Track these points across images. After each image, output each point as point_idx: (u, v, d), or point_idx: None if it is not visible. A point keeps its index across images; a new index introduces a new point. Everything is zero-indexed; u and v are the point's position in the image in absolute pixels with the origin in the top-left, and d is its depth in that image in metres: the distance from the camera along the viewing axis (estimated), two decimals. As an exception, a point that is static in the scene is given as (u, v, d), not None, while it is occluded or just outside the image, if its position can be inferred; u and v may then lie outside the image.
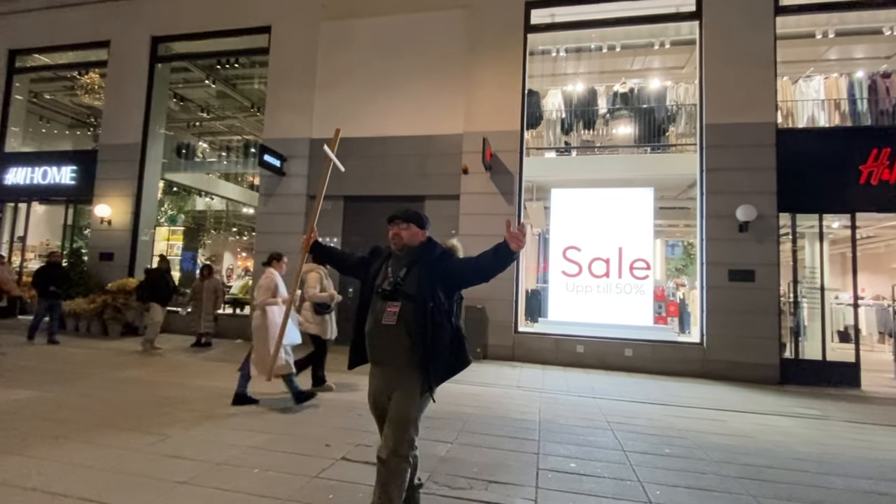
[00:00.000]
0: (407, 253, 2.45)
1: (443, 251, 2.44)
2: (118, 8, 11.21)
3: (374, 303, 2.41)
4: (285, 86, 10.03)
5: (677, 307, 12.18)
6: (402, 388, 2.33)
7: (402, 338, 2.30)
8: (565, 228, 8.92)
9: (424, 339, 2.27)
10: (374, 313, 2.40)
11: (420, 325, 2.28)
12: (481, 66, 9.04)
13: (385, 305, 2.35)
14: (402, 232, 2.44)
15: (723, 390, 6.87)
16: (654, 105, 9.94)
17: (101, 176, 10.84)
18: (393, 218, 2.48)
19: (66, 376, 5.88)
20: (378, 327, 2.36)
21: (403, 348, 2.31)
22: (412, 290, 2.33)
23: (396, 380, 2.35)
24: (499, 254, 2.21)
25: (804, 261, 9.55)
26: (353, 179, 9.40)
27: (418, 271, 2.37)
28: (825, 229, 11.23)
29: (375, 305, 2.40)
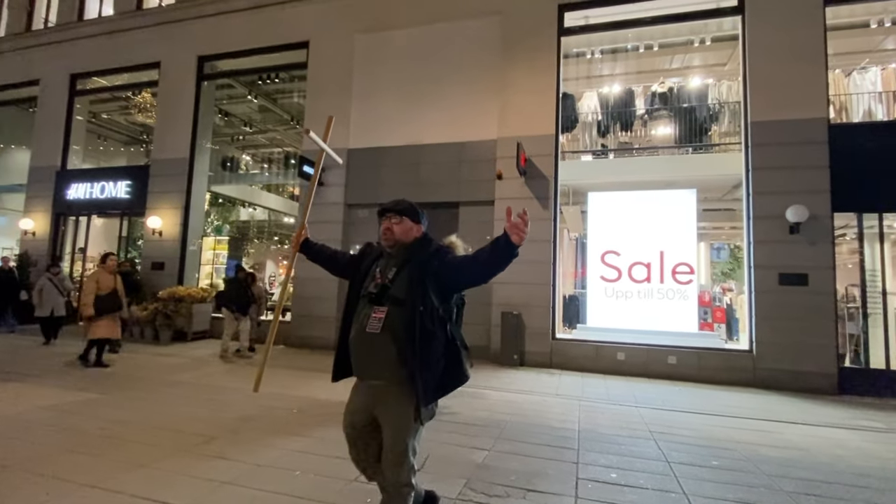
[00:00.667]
0: (399, 250, 2.18)
1: (438, 247, 2.16)
2: (168, 30, 11.84)
3: (360, 308, 2.13)
4: (322, 98, 10.30)
5: (724, 313, 11.68)
6: (392, 409, 2.07)
7: (388, 348, 2.03)
8: (603, 232, 8.73)
9: (413, 349, 1.99)
10: (358, 319, 2.12)
11: (408, 333, 1.99)
12: (515, 71, 9.02)
13: (370, 311, 2.07)
14: (395, 226, 2.17)
15: (774, 400, 6.52)
16: (695, 104, 9.64)
17: (153, 189, 11.44)
18: (384, 211, 2.23)
19: (146, 384, 6.22)
20: (361, 336, 2.08)
21: (390, 360, 2.03)
22: (402, 293, 2.06)
23: (383, 397, 2.08)
24: (498, 248, 1.91)
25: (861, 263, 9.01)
26: (388, 188, 9.58)
27: (409, 271, 2.09)
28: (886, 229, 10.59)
29: (361, 311, 2.12)
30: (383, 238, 2.21)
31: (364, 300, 2.15)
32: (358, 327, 2.12)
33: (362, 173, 9.86)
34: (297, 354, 8.84)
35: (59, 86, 13.00)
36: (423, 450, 3.97)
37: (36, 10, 14.11)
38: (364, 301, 2.15)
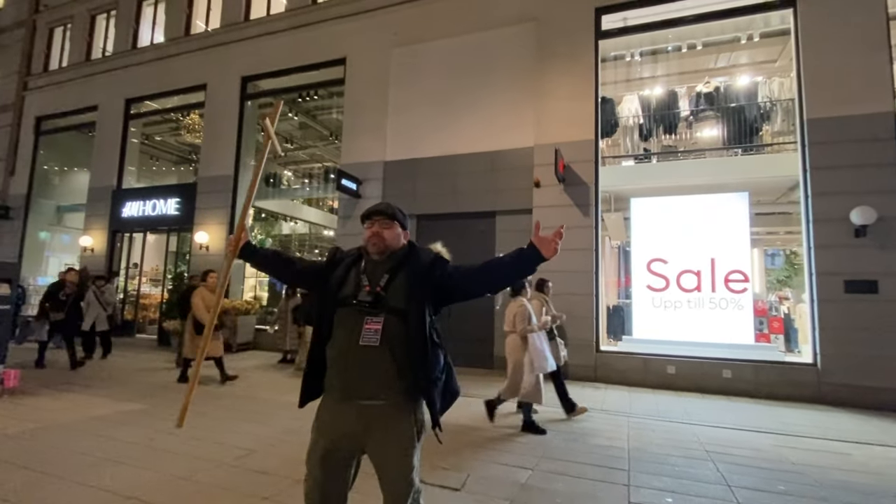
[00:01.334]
0: (388, 257, 2.02)
1: (437, 256, 2.07)
2: (213, 53, 12.38)
3: (344, 318, 1.91)
4: (360, 112, 10.46)
5: (782, 323, 11.00)
6: (393, 430, 1.86)
7: (388, 362, 1.85)
8: (649, 240, 8.38)
9: (420, 362, 1.86)
10: (346, 331, 1.89)
11: (413, 345, 1.86)
12: (552, 77, 8.86)
13: (363, 321, 1.88)
14: (385, 231, 2.01)
15: (843, 418, 6.00)
16: (744, 103, 9.17)
17: (200, 206, 11.88)
18: (371, 214, 2.05)
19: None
20: (355, 350, 1.85)
21: (389, 377, 1.85)
22: (399, 301, 1.90)
23: (381, 419, 1.85)
24: (522, 261, 1.88)
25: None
26: (424, 198, 9.58)
27: (406, 279, 1.95)
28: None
29: (346, 321, 1.90)
30: (371, 243, 2.01)
31: (349, 310, 1.92)
32: (347, 340, 1.88)
33: (399, 185, 9.90)
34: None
35: (115, 110, 13.79)
36: (464, 468, 3.83)
37: (94, 40, 15.07)
38: (350, 311, 1.92)
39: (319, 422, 1.92)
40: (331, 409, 1.90)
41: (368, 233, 2.02)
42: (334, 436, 1.86)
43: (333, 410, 1.89)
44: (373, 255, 2.01)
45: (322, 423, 1.91)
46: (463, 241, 8.85)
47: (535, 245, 1.85)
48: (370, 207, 2.08)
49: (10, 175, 15.58)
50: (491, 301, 8.60)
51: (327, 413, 1.91)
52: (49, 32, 16.01)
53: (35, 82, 15.79)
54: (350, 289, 1.96)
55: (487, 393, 6.63)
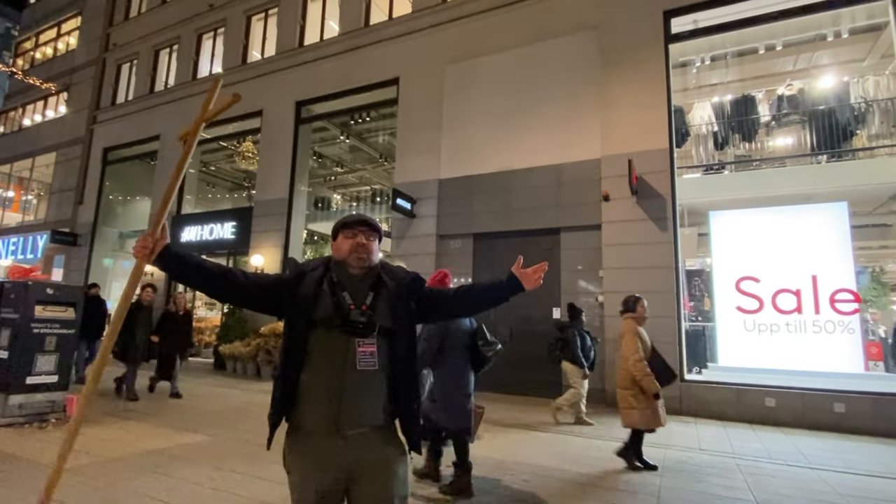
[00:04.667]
0: (367, 273, 1.83)
1: (416, 274, 1.94)
2: (269, 80, 12.61)
3: (325, 341, 1.71)
4: (413, 131, 10.25)
5: (880, 348, 9.83)
6: (385, 456, 1.73)
7: (379, 388, 1.73)
8: (734, 256, 7.61)
9: (412, 384, 1.80)
10: (332, 356, 1.70)
11: (404, 366, 1.78)
12: (618, 84, 8.35)
13: (355, 344, 1.70)
14: (371, 244, 1.83)
15: None
16: (835, 105, 8.33)
17: (256, 229, 11.93)
18: (354, 224, 1.85)
19: (228, 420, 6.10)
20: (352, 375, 1.68)
21: (381, 403, 1.73)
22: (388, 322, 1.76)
23: (372, 447, 1.70)
24: (503, 290, 1.91)
25: None
26: (482, 216, 9.17)
27: (389, 297, 1.81)
28: None
29: (329, 345, 1.71)
30: (355, 256, 1.80)
31: (332, 332, 1.71)
32: (336, 366, 1.69)
33: (454, 203, 9.53)
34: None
35: (175, 139, 14.23)
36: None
37: (157, 74, 15.78)
38: (333, 333, 1.71)
39: (302, 464, 1.70)
40: (316, 447, 1.68)
41: (351, 244, 1.81)
42: (327, 476, 1.67)
43: (320, 447, 1.68)
44: (353, 270, 1.82)
45: (307, 464, 1.69)
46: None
47: (515, 276, 1.90)
48: (348, 216, 1.88)
49: (78, 204, 16.34)
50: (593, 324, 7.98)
51: (312, 452, 1.69)
52: (117, 68, 16.91)
53: (103, 115, 16.65)
54: (327, 308, 1.74)
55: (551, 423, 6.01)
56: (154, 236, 1.73)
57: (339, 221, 1.89)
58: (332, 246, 1.91)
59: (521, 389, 8.16)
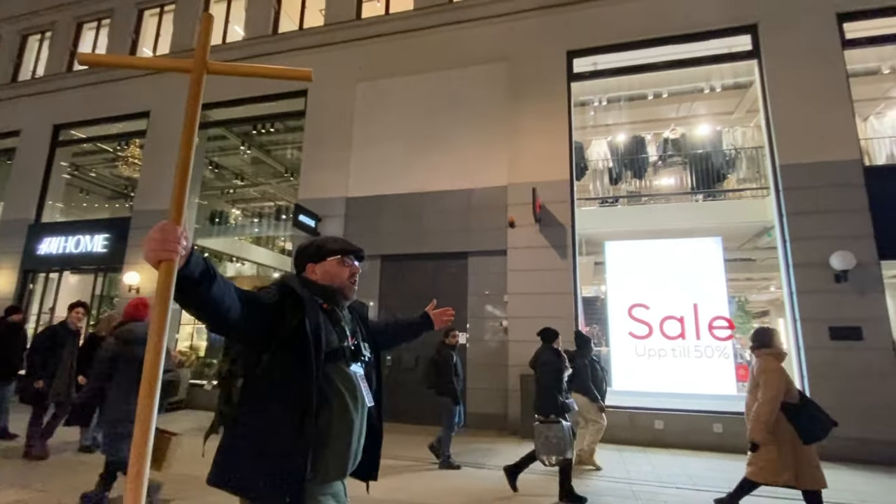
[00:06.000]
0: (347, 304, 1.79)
1: (364, 303, 1.97)
2: (161, 80, 11.44)
3: (343, 377, 1.58)
4: (321, 146, 9.80)
5: (747, 370, 10.87)
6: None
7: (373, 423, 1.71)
8: (627, 284, 8.02)
9: (381, 418, 1.79)
10: (349, 394, 1.58)
11: (379, 399, 1.76)
12: (525, 116, 8.63)
13: (357, 378, 1.63)
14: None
15: (853, 478, 5.58)
16: (710, 150, 9.29)
17: (134, 243, 10.57)
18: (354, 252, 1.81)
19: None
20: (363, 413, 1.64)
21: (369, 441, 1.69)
22: (372, 354, 1.77)
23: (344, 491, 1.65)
24: (421, 326, 2.20)
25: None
26: (390, 238, 8.89)
27: (363, 329, 1.81)
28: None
29: (346, 381, 1.59)
30: (350, 286, 1.76)
31: (342, 366, 1.61)
32: (356, 405, 1.60)
33: (362, 223, 9.17)
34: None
35: (40, 137, 12.40)
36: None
37: (24, 61, 13.77)
38: (343, 367, 1.61)
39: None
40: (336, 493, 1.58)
41: (349, 272, 1.74)
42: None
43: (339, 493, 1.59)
44: (345, 300, 1.75)
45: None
46: (433, 283, 8.18)
47: (429, 316, 2.21)
48: (346, 243, 1.81)
49: None
50: (462, 352, 7.83)
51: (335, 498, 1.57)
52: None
53: (-52, 104, 14.12)
54: (333, 339, 1.60)
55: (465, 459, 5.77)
56: (176, 224, 1.17)
57: (332, 244, 1.76)
58: (314, 268, 1.73)
59: (429, 420, 7.82)
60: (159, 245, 1.12)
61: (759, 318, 19.16)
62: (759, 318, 19.10)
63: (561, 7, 8.94)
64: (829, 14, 7.59)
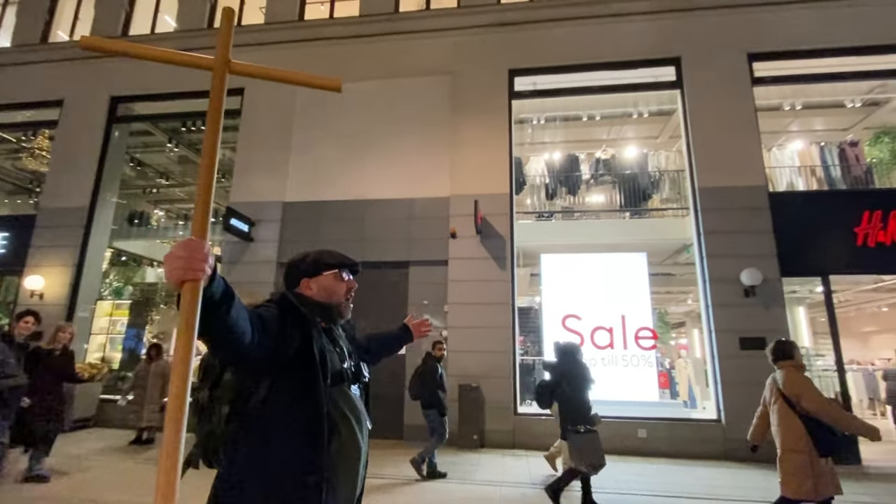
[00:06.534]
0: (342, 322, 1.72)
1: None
2: (78, 66, 10.52)
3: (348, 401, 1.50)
4: (257, 148, 9.41)
5: (666, 377, 11.60)
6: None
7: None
8: (561, 296, 8.33)
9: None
10: (355, 418, 1.49)
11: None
12: (468, 130, 8.78)
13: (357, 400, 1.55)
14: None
15: (756, 476, 6.09)
16: (637, 171, 9.94)
17: (38, 243, 9.55)
18: (352, 267, 1.72)
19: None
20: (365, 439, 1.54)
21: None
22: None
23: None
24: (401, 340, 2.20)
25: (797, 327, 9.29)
26: (329, 245, 8.57)
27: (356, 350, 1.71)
28: (809, 293, 11.23)
29: (353, 404, 1.51)
30: (347, 304, 1.67)
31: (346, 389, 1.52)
32: (361, 430, 1.50)
33: (300, 229, 8.89)
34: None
35: None
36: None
37: None
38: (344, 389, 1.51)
39: None
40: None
41: (346, 288, 1.65)
42: None
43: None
44: (341, 318, 1.65)
45: None
46: (374, 292, 8.04)
47: (408, 328, 2.21)
48: (343, 256, 1.70)
49: None
50: (400, 360, 7.77)
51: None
52: None
53: None
54: (337, 361, 1.50)
55: (402, 472, 5.69)
56: (202, 240, 1.07)
57: (328, 258, 1.66)
58: (310, 283, 1.61)
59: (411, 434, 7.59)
60: (185, 263, 1.02)
61: (677, 329, 20.64)
62: (676, 328, 20.58)
63: (504, 27, 9.24)
64: (742, 53, 8.40)
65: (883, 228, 7.41)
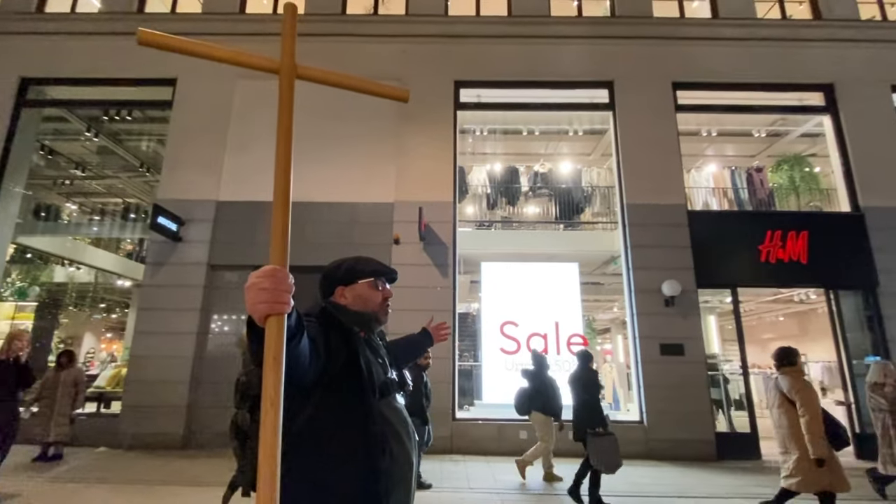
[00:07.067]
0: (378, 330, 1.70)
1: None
2: (-21, 42, 9.48)
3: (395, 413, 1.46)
4: (190, 143, 8.93)
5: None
6: None
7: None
8: (499, 303, 8.59)
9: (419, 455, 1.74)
10: (402, 430, 1.45)
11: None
12: (414, 137, 8.86)
13: (402, 411, 1.51)
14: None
15: (674, 473, 6.60)
16: (571, 185, 10.47)
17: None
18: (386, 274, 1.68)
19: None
20: (413, 450, 1.47)
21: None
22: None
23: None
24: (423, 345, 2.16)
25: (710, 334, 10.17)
26: (266, 248, 8.33)
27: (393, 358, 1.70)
28: (719, 304, 12.31)
29: (399, 416, 1.47)
30: (385, 311, 1.65)
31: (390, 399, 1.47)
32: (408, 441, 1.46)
33: (234, 230, 8.52)
34: (134, 460, 6.74)
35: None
36: None
37: None
38: (390, 400, 1.47)
39: None
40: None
41: (382, 296, 1.62)
42: None
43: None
44: (379, 325, 1.64)
45: None
46: (314, 297, 7.87)
47: (429, 332, 2.19)
48: (379, 264, 1.69)
49: None
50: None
51: None
52: None
53: None
54: (380, 372, 1.49)
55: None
56: (283, 270, 1.03)
57: (364, 265, 1.64)
58: (344, 292, 1.59)
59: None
60: (272, 297, 0.98)
61: (602, 335, 21.80)
62: (602, 334, 21.73)
63: (450, 38, 9.44)
64: (667, 81, 9.13)
65: (782, 247, 8.32)
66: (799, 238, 8.31)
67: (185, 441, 7.57)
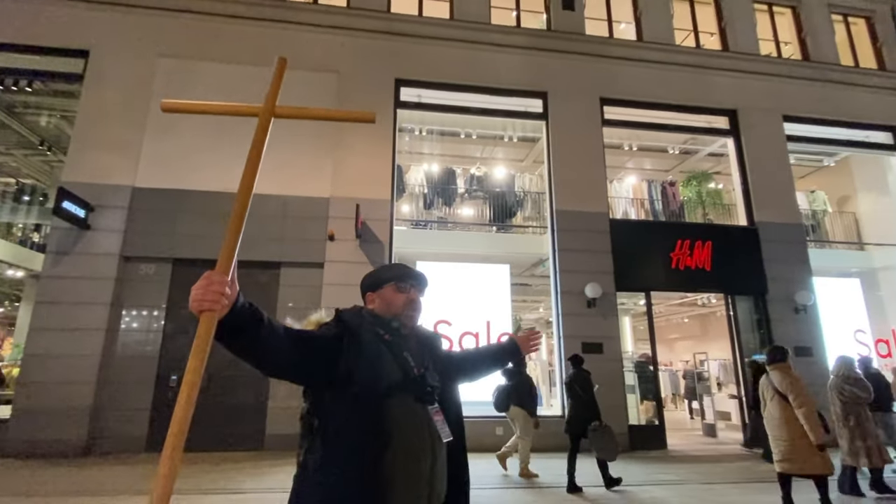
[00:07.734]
0: (412, 332, 1.69)
1: (437, 333, 1.91)
2: None
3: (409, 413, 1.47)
4: (103, 122, 8.18)
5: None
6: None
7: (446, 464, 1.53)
8: (433, 302, 8.69)
9: (461, 458, 1.62)
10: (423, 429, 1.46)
11: (460, 440, 1.59)
12: (351, 132, 8.72)
13: (428, 412, 1.51)
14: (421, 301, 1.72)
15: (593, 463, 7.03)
16: (505, 189, 10.82)
17: None
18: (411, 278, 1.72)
19: None
20: (438, 451, 1.47)
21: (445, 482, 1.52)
22: (443, 386, 1.60)
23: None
24: (506, 354, 1.97)
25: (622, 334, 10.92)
26: (187, 239, 7.92)
27: (432, 357, 1.68)
28: (634, 306, 13.24)
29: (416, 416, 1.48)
30: (410, 315, 1.68)
31: (408, 400, 1.48)
32: (429, 440, 1.46)
33: (151, 219, 7.94)
34: (26, 471, 6.06)
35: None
36: None
37: None
38: (409, 402, 1.48)
39: None
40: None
41: (406, 299, 1.67)
42: None
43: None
44: (404, 329, 1.64)
45: None
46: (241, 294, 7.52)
47: (516, 342, 1.97)
48: (402, 268, 1.74)
49: None
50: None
51: None
52: None
53: None
54: (394, 372, 1.49)
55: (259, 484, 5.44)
56: (224, 275, 1.19)
57: (386, 271, 1.72)
58: (373, 297, 1.68)
59: (221, 444, 7.10)
60: (202, 296, 1.14)
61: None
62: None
63: (391, 35, 9.41)
64: (595, 97, 9.72)
65: (690, 255, 9.15)
66: (704, 247, 9.19)
67: (88, 448, 6.94)
